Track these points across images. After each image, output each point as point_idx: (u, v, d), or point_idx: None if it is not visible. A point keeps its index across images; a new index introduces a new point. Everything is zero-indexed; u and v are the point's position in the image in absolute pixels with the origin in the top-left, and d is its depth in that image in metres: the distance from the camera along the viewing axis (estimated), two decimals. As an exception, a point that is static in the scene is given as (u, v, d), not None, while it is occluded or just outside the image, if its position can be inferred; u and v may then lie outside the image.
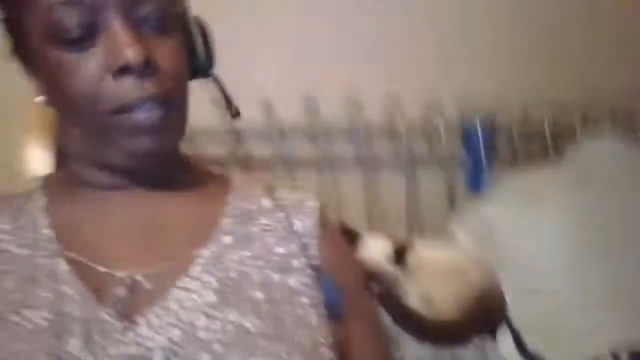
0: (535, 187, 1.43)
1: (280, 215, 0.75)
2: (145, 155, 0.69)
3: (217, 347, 0.63)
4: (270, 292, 0.69)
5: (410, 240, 1.21)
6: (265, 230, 0.74)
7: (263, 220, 0.74)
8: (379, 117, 1.64)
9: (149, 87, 0.66)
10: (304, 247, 0.74)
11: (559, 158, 1.56)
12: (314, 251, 0.74)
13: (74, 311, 0.64)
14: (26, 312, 0.64)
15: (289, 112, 1.61)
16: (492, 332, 1.29)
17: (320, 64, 1.61)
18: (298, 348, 0.66)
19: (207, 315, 0.65)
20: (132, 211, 0.72)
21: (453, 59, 1.68)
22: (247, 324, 0.65)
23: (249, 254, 0.71)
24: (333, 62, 1.61)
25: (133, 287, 0.66)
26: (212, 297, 0.67)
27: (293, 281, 0.71)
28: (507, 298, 1.29)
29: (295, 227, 0.75)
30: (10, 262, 0.68)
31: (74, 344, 0.62)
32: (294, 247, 0.73)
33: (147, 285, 0.66)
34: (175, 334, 0.64)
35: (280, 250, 0.73)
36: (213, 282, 0.68)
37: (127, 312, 0.65)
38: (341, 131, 1.65)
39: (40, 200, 0.73)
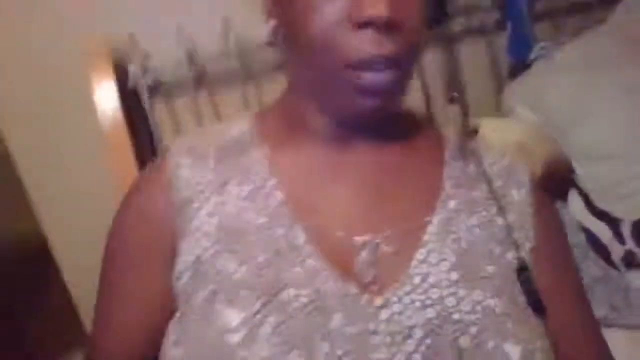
0: (586, 57, 1.39)
1: (499, 182, 0.72)
2: (367, 116, 0.65)
3: (473, 330, 0.61)
4: (497, 267, 0.66)
5: (477, 123, 1.20)
6: (488, 198, 0.70)
7: (484, 187, 0.71)
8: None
9: (388, 46, 0.61)
10: (520, 220, 0.70)
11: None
12: (528, 226, 0.71)
13: (324, 286, 0.62)
14: (291, 291, 0.62)
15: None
16: (562, 197, 1.32)
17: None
18: (537, 331, 0.64)
19: (455, 295, 0.63)
20: (357, 168, 0.69)
21: None
22: (492, 303, 0.63)
23: (475, 222, 0.68)
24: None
25: (375, 252, 0.64)
26: (453, 274, 0.64)
27: (511, 256, 0.68)
28: (574, 163, 1.32)
29: (514, 197, 0.71)
30: (254, 233, 0.66)
31: (337, 321, 0.61)
32: (513, 218, 0.70)
33: (387, 248, 0.65)
34: (431, 313, 0.62)
35: (501, 221, 0.69)
36: (448, 254, 0.65)
37: (374, 283, 0.63)
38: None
39: (261, 151, 0.70)
